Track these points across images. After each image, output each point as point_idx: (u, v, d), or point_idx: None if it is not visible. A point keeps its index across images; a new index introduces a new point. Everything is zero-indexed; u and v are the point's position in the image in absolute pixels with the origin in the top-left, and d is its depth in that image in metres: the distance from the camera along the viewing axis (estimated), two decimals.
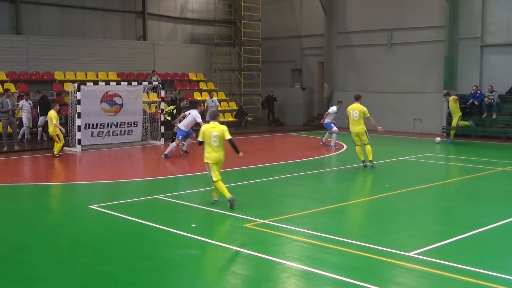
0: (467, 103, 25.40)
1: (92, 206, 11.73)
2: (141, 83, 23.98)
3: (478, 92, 25.15)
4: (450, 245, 9.03)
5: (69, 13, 28.55)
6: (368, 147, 16.73)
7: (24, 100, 22.60)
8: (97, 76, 27.35)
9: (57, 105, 19.84)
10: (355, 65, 30.58)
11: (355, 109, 16.61)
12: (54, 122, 18.56)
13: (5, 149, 20.14)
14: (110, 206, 11.79)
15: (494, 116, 24.91)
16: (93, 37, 28.86)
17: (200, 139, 11.69)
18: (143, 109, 23.57)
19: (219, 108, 30.90)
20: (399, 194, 13.12)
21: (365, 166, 16.60)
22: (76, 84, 21.21)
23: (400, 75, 28.54)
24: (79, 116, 20.54)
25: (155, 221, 10.44)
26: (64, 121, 22.77)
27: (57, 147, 18.86)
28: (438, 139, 23.66)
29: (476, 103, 25.13)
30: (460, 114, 23.56)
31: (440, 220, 11.24)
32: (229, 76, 34.73)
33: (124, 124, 22.17)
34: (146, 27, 31.34)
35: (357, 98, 16.87)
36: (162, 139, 23.10)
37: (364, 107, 16.68)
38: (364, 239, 9.17)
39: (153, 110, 24.66)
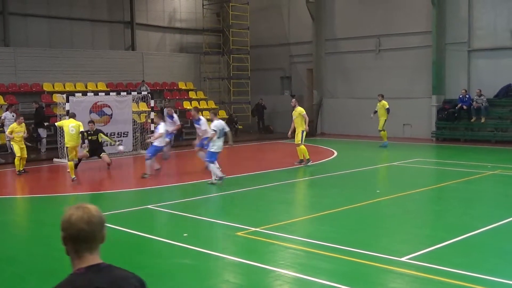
0: (456, 107, 25.53)
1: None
2: (130, 93, 23.92)
3: (467, 96, 25.29)
4: (442, 249, 9.04)
5: (56, 24, 28.46)
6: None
7: (8, 111, 22.13)
8: (86, 87, 27.24)
9: (22, 117, 18.94)
10: (344, 72, 30.67)
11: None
12: (8, 133, 17.98)
13: None
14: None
15: (482, 120, 25.04)
16: (82, 48, 28.76)
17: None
18: (133, 119, 23.50)
19: (209, 118, 30.87)
20: (390, 199, 13.13)
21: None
22: (65, 95, 21.12)
23: (388, 80, 28.64)
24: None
25: (146, 231, 10.39)
26: (54, 133, 22.65)
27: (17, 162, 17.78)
28: (121, 147, 19.77)
29: (464, 107, 25.26)
30: (386, 118, 24.16)
31: (432, 224, 11.27)
32: (218, 84, 34.72)
33: (114, 135, 22.09)
34: (135, 37, 31.30)
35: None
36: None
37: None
38: (356, 245, 9.16)
39: (143, 120, 24.59)
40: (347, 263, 8.40)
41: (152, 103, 23.60)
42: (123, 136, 22.36)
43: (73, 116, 17.52)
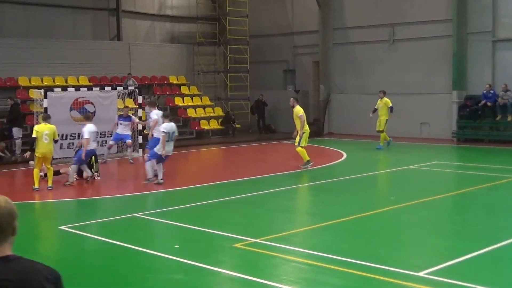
0: (479, 104, 25.52)
1: (62, 227, 11.63)
2: (116, 88, 23.89)
3: (491, 92, 25.28)
4: (464, 263, 9.02)
5: (34, 12, 28.44)
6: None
7: None
8: (66, 81, 27.22)
9: None
10: (354, 64, 30.66)
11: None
12: None
13: None
14: (83, 227, 11.70)
15: (509, 119, 25.02)
16: (62, 38, 28.72)
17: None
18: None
19: (203, 115, 30.90)
20: (405, 207, 13.11)
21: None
22: (42, 91, 21.08)
23: (404, 74, 28.63)
24: None
25: (134, 242, 10.36)
26: (30, 132, 22.61)
27: None
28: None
29: (489, 104, 25.25)
30: (388, 118, 24.05)
31: (453, 235, 11.25)
32: (214, 78, 34.71)
33: (97, 135, 22.06)
34: (121, 26, 31.29)
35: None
36: (141, 151, 23.00)
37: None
38: (368, 258, 9.14)
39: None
40: (358, 278, 8.38)
41: (139, 99, 23.57)
42: (107, 137, 22.32)
43: (46, 118, 16.20)
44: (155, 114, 18.65)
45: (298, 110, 19.01)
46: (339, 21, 31.05)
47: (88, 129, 16.86)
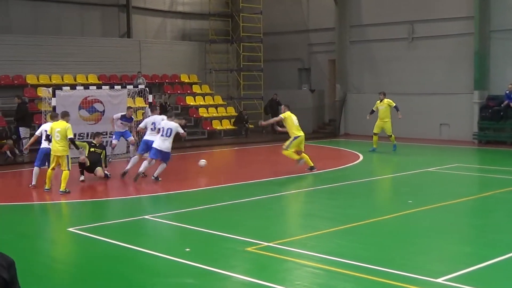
0: (501, 105, 25.41)
1: (71, 229, 11.73)
2: (125, 87, 24.00)
3: None
4: (484, 269, 9.00)
5: (42, 8, 28.65)
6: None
7: None
8: (75, 80, 27.40)
9: None
10: (372, 63, 30.62)
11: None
12: None
13: None
14: (92, 229, 11.79)
15: None
16: (70, 35, 28.92)
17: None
18: None
19: (216, 115, 30.96)
20: (424, 211, 13.08)
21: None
22: (50, 89, 21.24)
23: (423, 73, 28.55)
24: None
25: (143, 245, 10.43)
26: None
27: None
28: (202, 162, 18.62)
29: None
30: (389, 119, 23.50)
31: (473, 240, 11.22)
32: (226, 77, 34.78)
33: (106, 134, 22.19)
34: (131, 22, 31.43)
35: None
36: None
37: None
38: (385, 264, 9.15)
39: (140, 117, 24.68)
40: (374, 284, 8.39)
41: (150, 98, 23.66)
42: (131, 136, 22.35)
43: (63, 115, 16.04)
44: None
45: (284, 114, 18.86)
46: (356, 18, 31.01)
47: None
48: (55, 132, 15.45)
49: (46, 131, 16.25)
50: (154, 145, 17.06)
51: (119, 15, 31.45)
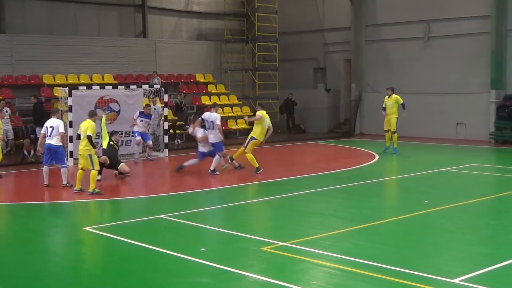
0: None
1: (86, 228, 11.78)
2: (141, 87, 24.08)
3: None
4: (501, 270, 8.94)
5: (58, 9, 28.81)
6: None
7: None
8: (91, 79, 27.54)
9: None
10: (387, 63, 30.51)
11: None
12: None
13: None
14: (107, 228, 11.84)
15: None
16: (87, 35, 29.07)
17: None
18: None
19: (231, 114, 30.98)
20: (440, 211, 13.02)
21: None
22: (67, 89, 21.36)
23: (439, 73, 28.42)
24: (70, 125, 20.67)
25: (159, 244, 10.46)
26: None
27: None
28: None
29: None
30: (398, 116, 22.99)
31: (489, 241, 11.15)
32: (242, 77, 34.80)
33: (122, 134, 22.29)
34: (147, 22, 31.55)
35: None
36: (166, 151, 23.17)
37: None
38: (400, 264, 9.12)
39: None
40: (390, 284, 8.36)
41: (165, 97, 23.73)
42: (132, 136, 22.51)
43: (91, 115, 15.97)
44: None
45: (259, 112, 18.38)
46: (372, 17, 30.92)
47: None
48: (81, 132, 15.50)
49: (47, 127, 16.29)
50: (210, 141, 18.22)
51: (135, 15, 31.57)
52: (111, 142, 17.60)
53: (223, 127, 29.64)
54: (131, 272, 9.16)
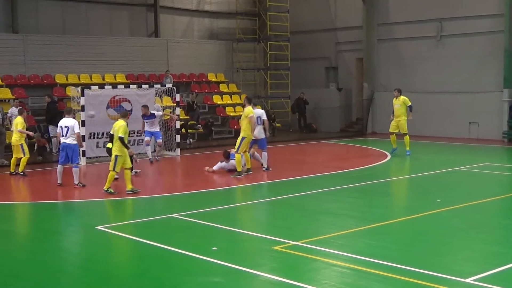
0: None
1: (99, 227, 11.84)
2: (153, 86, 24.15)
3: None
4: None
5: (71, 8, 28.93)
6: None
7: (14, 107, 22.67)
8: (103, 79, 27.63)
9: (25, 112, 19.61)
10: (399, 61, 30.42)
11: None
12: (20, 128, 18.22)
13: None
14: (120, 227, 11.89)
15: None
16: (99, 35, 29.17)
17: None
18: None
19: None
20: (453, 211, 12.99)
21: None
22: (79, 88, 21.46)
23: (452, 72, 28.30)
24: (83, 125, 20.77)
25: (171, 243, 10.49)
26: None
27: (22, 162, 18.34)
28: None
29: None
30: (407, 118, 22.35)
31: (502, 240, 11.10)
32: (253, 76, 34.81)
33: (134, 133, 22.36)
34: (158, 22, 31.62)
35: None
36: (178, 150, 23.23)
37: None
38: (413, 263, 9.10)
39: (167, 116, 24.84)
40: (402, 284, 8.34)
41: (177, 97, 23.79)
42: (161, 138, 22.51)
43: (123, 115, 15.88)
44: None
45: (248, 111, 17.70)
46: (384, 16, 30.84)
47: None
48: (114, 132, 15.32)
49: (62, 127, 16.37)
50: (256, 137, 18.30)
51: (147, 15, 31.65)
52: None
53: (235, 126, 29.91)
54: (143, 271, 9.19)
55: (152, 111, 21.37)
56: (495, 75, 26.84)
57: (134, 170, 17.83)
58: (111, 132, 15.68)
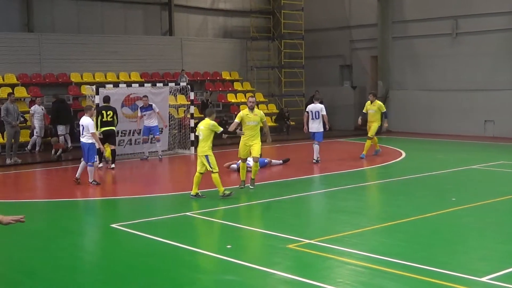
0: None
1: (113, 225, 11.89)
2: (167, 84, 24.21)
3: None
4: None
5: (85, 7, 29.08)
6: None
7: (36, 105, 22.99)
8: (118, 77, 27.75)
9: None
10: (414, 59, 30.30)
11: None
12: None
13: (10, 161, 20.41)
14: (134, 225, 11.93)
15: None
16: (113, 33, 29.31)
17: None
18: (170, 114, 23.78)
19: None
20: (468, 209, 12.94)
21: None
22: (94, 87, 21.55)
23: (467, 69, 28.16)
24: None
25: (185, 242, 10.51)
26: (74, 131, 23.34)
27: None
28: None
29: None
30: (380, 124, 21.29)
31: None
32: (267, 74, 34.81)
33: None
34: (173, 20, 31.69)
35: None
36: (192, 148, 23.25)
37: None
38: (428, 262, 9.06)
39: (182, 115, 24.89)
40: (417, 282, 8.31)
41: (192, 95, 23.83)
42: (159, 133, 22.60)
43: (209, 114, 14.57)
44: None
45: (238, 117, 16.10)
46: (399, 13, 30.72)
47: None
48: (199, 132, 14.29)
49: (80, 125, 16.48)
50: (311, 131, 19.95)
51: (161, 13, 31.73)
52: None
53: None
54: (157, 269, 9.22)
55: (150, 102, 21.40)
56: (510, 73, 26.67)
57: (102, 164, 18.07)
58: (196, 134, 14.92)
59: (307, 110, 20.37)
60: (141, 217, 12.88)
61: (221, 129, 14.46)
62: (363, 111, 21.66)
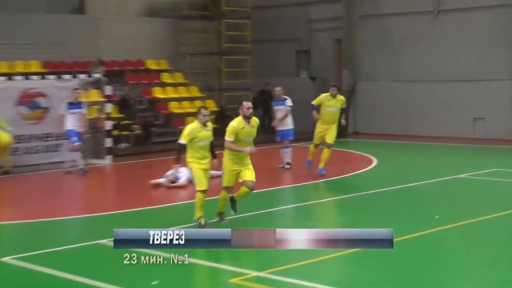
0: None
1: (4, 259, 11.61)
2: (76, 76, 23.85)
3: None
4: None
5: None
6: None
7: None
8: (12, 68, 27.27)
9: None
10: (388, 43, 30.63)
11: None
12: None
13: None
14: (31, 257, 11.67)
15: None
16: (6, 11, 28.79)
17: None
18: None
19: (191, 110, 30.89)
20: (454, 228, 13.08)
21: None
22: None
23: (452, 55, 28.58)
24: None
25: (98, 277, 10.37)
26: None
27: None
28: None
29: None
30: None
31: None
32: (204, 63, 34.69)
33: (49, 137, 22.12)
34: None
35: None
36: (109, 157, 22.97)
37: None
38: None
39: (95, 115, 24.57)
40: None
41: (108, 90, 23.58)
42: (64, 139, 22.24)
43: None
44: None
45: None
46: None
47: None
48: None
49: None
50: None
51: None
52: None
53: (180, 127, 29.69)
54: None
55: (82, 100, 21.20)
56: (505, 59, 27.15)
57: None
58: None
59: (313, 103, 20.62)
60: (40, 247, 12.59)
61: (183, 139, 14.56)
62: (313, 103, 20.54)
